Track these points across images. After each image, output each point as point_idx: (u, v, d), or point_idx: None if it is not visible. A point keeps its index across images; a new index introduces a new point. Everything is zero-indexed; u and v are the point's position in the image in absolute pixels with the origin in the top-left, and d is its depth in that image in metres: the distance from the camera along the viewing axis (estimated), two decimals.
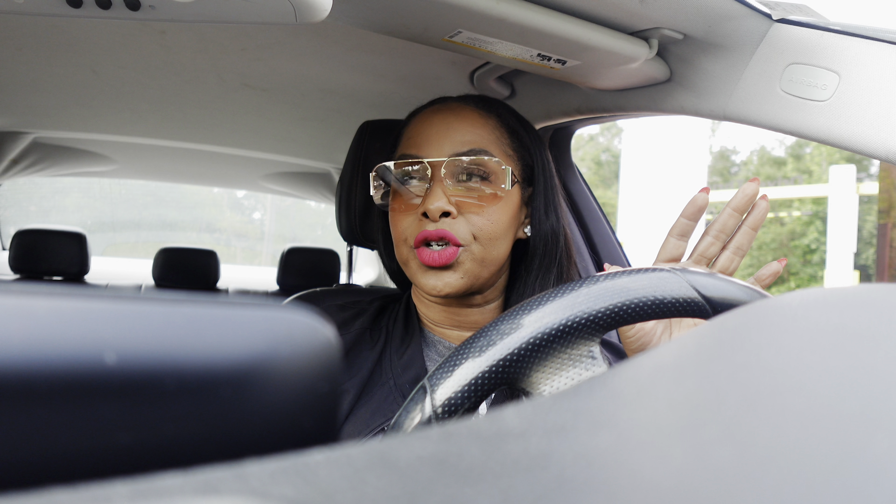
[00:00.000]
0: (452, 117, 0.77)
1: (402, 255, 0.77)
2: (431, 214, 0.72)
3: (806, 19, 0.73)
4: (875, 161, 3.56)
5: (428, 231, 0.72)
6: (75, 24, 0.97)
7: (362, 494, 0.13)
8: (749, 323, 0.25)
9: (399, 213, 0.76)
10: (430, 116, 0.79)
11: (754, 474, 0.14)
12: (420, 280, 0.75)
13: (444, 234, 0.72)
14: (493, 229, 0.75)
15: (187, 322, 0.17)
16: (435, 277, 0.73)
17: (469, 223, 0.74)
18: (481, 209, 0.75)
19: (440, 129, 0.76)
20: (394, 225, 0.77)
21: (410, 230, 0.75)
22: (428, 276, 0.74)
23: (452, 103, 0.80)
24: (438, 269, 0.73)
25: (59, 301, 0.16)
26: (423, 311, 0.82)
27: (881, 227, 9.83)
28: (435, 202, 0.72)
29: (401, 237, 0.76)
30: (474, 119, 0.78)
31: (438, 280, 0.73)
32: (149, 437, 0.16)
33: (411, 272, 0.76)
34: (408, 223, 0.75)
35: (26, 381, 0.15)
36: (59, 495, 0.12)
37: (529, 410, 0.18)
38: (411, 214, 0.75)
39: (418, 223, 0.74)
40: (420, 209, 0.74)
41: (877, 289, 0.26)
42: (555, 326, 0.40)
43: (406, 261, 0.77)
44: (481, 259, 0.75)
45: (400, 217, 0.76)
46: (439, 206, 0.72)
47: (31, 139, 1.75)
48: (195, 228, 10.74)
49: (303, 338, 0.18)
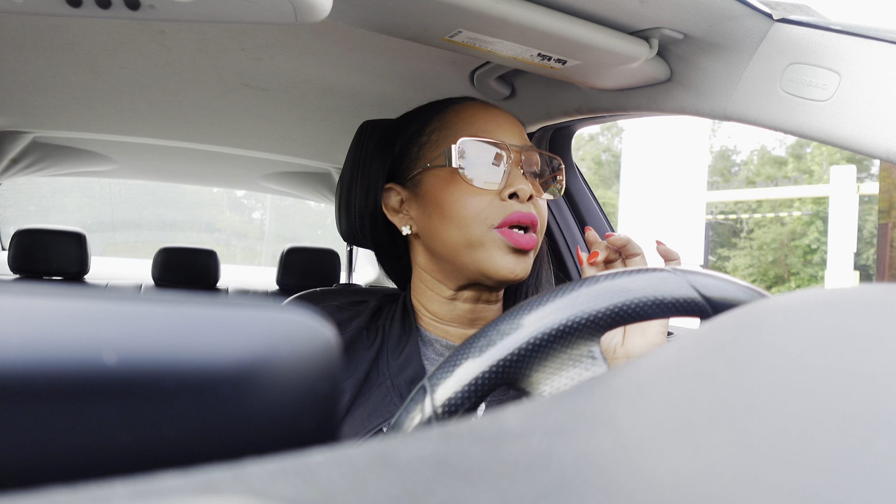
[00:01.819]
0: (506, 113, 0.81)
1: (476, 235, 0.75)
2: (523, 195, 0.73)
3: (806, 19, 0.73)
4: (875, 161, 3.56)
5: (523, 213, 0.73)
6: (75, 24, 0.97)
7: (362, 494, 0.13)
8: (749, 323, 0.25)
9: (474, 194, 0.75)
10: (487, 107, 0.80)
11: (754, 474, 0.14)
12: (497, 262, 0.74)
13: (535, 219, 0.74)
14: (544, 222, 0.79)
15: (187, 322, 0.17)
16: (516, 261, 0.74)
17: (539, 211, 0.77)
18: (544, 200, 0.78)
19: (503, 121, 0.79)
20: (464, 203, 0.75)
21: (492, 210, 0.74)
22: (509, 259, 0.74)
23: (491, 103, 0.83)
24: (521, 252, 0.74)
25: (58, 301, 0.16)
26: (430, 308, 0.81)
27: (881, 227, 9.83)
28: (523, 183, 0.74)
29: (476, 217, 0.74)
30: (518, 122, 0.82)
31: (519, 264, 0.74)
32: (149, 437, 0.16)
33: (485, 255, 0.74)
34: (486, 202, 0.74)
35: (26, 381, 0.15)
36: (59, 495, 0.12)
37: (529, 410, 0.18)
38: (489, 194, 0.75)
39: (501, 204, 0.74)
40: (505, 190, 0.74)
41: (877, 289, 0.26)
42: (555, 326, 0.40)
43: (480, 242, 0.75)
44: (537, 249, 0.78)
45: (475, 195, 0.75)
46: (529, 189, 0.74)
47: (30, 139, 1.75)
48: (195, 228, 10.75)
49: (303, 338, 0.18)
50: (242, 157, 1.96)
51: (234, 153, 1.91)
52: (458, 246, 0.76)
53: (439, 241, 0.77)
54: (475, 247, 0.75)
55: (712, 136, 23.23)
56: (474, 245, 0.75)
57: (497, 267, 0.74)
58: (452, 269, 0.78)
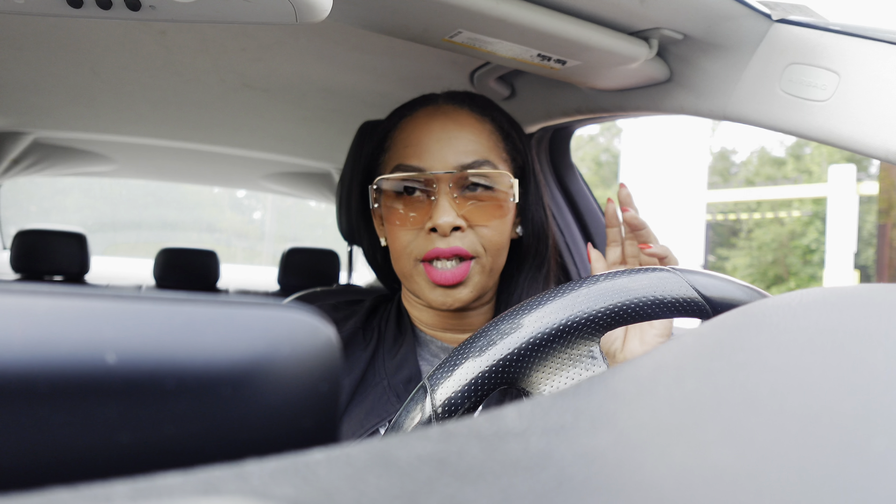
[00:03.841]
0: (451, 124, 0.74)
1: (405, 269, 0.74)
2: (442, 230, 0.70)
3: (806, 19, 0.73)
4: (875, 161, 3.56)
5: (441, 249, 0.70)
6: (75, 24, 0.97)
7: (362, 494, 0.13)
8: (749, 323, 0.25)
9: (401, 226, 0.73)
10: (427, 123, 0.75)
11: (754, 474, 0.14)
12: (428, 296, 0.72)
13: (458, 251, 0.70)
14: (500, 239, 0.74)
15: (187, 322, 0.17)
16: (444, 294, 0.71)
17: (478, 235, 0.72)
18: (489, 220, 0.73)
19: (441, 139, 0.73)
20: (394, 238, 0.74)
21: (416, 245, 0.72)
22: (437, 293, 0.72)
23: (445, 106, 0.77)
24: (447, 286, 0.71)
25: (59, 301, 0.16)
26: (415, 314, 0.81)
27: (881, 227, 9.82)
28: (444, 217, 0.69)
29: (403, 251, 0.73)
30: (473, 125, 0.75)
31: (448, 297, 0.72)
32: (149, 436, 0.16)
33: (417, 287, 0.74)
34: (411, 237, 0.72)
35: (27, 381, 0.15)
36: (59, 495, 0.12)
37: (529, 410, 0.18)
38: (415, 228, 0.72)
39: (426, 238, 0.71)
40: (428, 224, 0.71)
41: (877, 289, 0.26)
42: (555, 326, 0.40)
43: (409, 275, 0.74)
44: (489, 270, 0.74)
45: (402, 231, 0.73)
46: (449, 221, 0.70)
47: (31, 139, 1.75)
48: (195, 228, 10.76)
49: (303, 337, 0.18)
50: (243, 157, 1.96)
51: (235, 153, 1.91)
52: (398, 274, 0.77)
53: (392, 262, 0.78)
54: (407, 279, 0.75)
55: (711, 137, 23.24)
56: (406, 277, 0.75)
57: (428, 300, 0.73)
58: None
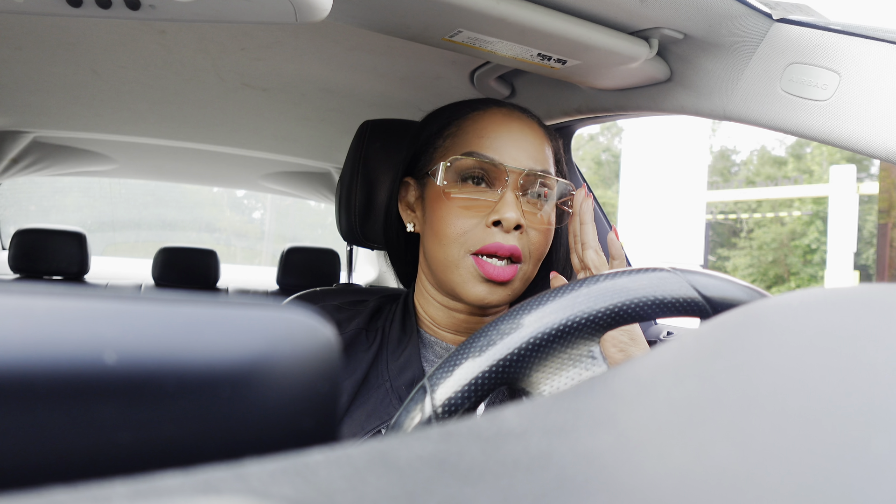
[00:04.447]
0: (527, 129, 0.75)
1: (453, 257, 0.72)
2: (507, 224, 0.69)
3: (806, 19, 0.73)
4: (875, 161, 3.55)
5: (501, 245, 0.69)
6: (75, 24, 0.97)
7: (362, 494, 0.13)
8: (749, 323, 0.25)
9: (461, 214, 0.72)
10: (505, 121, 0.75)
11: (754, 474, 0.14)
12: (468, 288, 0.71)
13: (515, 250, 0.70)
14: (544, 250, 0.75)
15: (187, 322, 0.17)
16: (488, 290, 0.71)
17: (529, 241, 0.72)
18: (541, 228, 0.74)
19: (518, 138, 0.74)
20: (447, 224, 0.72)
21: (472, 235, 0.71)
22: (479, 287, 0.71)
23: (518, 112, 0.78)
24: (495, 283, 0.70)
25: (59, 301, 0.16)
26: (428, 312, 0.80)
27: (881, 226, 9.83)
28: (512, 212, 0.69)
29: (456, 240, 0.71)
30: (542, 137, 0.77)
31: (493, 293, 0.71)
32: (149, 436, 0.16)
33: (458, 278, 0.72)
34: (469, 227, 0.71)
35: (26, 381, 0.15)
36: (59, 495, 0.12)
37: (529, 410, 0.18)
38: (475, 217, 0.71)
39: (484, 230, 0.70)
40: (492, 217, 0.70)
41: (877, 289, 0.26)
42: (555, 326, 0.40)
43: (454, 265, 0.72)
44: (528, 277, 0.74)
45: (459, 219, 0.71)
46: (516, 217, 0.69)
47: (31, 139, 1.75)
48: (195, 228, 10.75)
49: (303, 338, 0.18)
50: (242, 156, 1.96)
51: (235, 153, 1.91)
52: (438, 262, 0.74)
53: (428, 250, 0.76)
54: (450, 268, 0.73)
55: (712, 136, 23.23)
56: (450, 266, 0.73)
57: (468, 292, 0.72)
58: (436, 282, 0.77)
